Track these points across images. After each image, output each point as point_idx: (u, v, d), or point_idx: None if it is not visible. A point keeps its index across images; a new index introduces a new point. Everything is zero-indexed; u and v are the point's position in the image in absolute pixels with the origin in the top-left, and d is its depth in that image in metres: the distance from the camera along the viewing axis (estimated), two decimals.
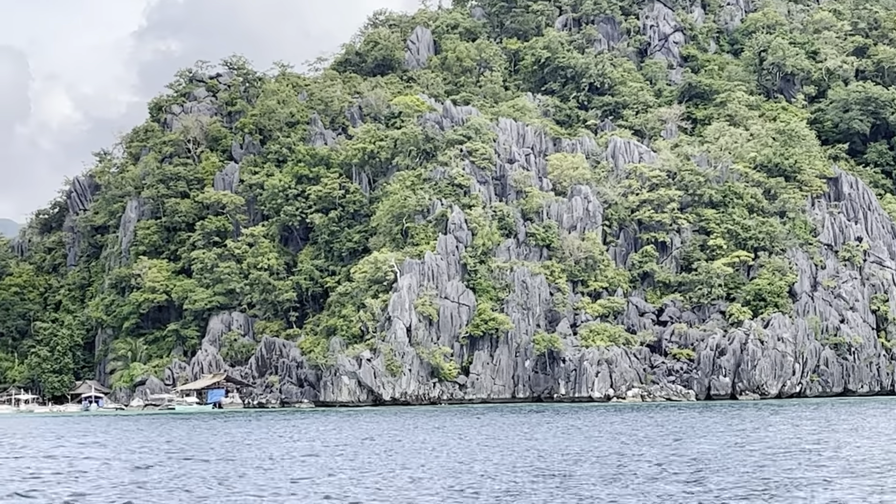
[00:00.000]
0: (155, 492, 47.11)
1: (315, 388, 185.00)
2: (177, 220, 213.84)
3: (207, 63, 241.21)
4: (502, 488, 44.99)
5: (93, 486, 50.22)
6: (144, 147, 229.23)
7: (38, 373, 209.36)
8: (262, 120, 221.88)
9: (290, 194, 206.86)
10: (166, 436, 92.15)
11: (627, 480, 48.63)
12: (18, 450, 74.21)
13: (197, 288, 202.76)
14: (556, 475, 50.88)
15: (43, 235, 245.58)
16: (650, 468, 54.01)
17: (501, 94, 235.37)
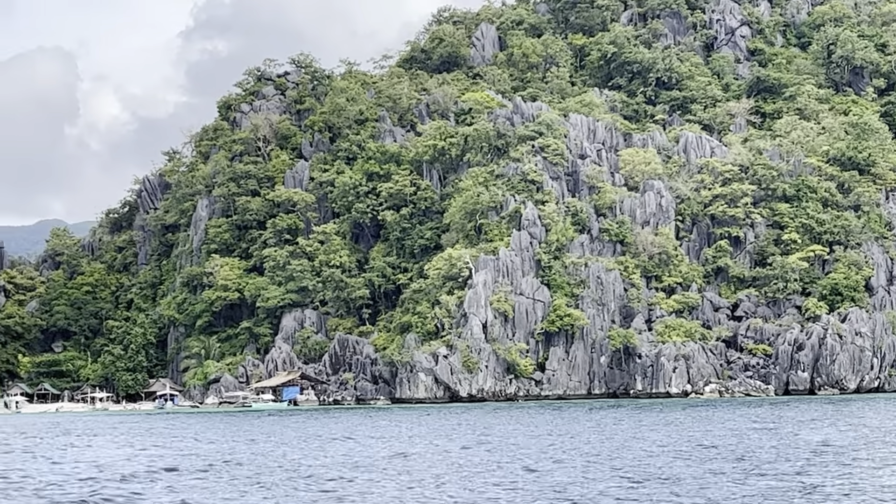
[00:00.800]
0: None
1: (390, 384, 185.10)
2: (248, 218, 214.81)
3: (275, 62, 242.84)
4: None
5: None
6: (214, 146, 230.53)
7: (111, 371, 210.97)
8: (331, 118, 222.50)
9: (360, 191, 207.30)
10: (301, 430, 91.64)
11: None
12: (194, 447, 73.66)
13: (269, 286, 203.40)
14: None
15: (113, 234, 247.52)
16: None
17: (568, 90, 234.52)
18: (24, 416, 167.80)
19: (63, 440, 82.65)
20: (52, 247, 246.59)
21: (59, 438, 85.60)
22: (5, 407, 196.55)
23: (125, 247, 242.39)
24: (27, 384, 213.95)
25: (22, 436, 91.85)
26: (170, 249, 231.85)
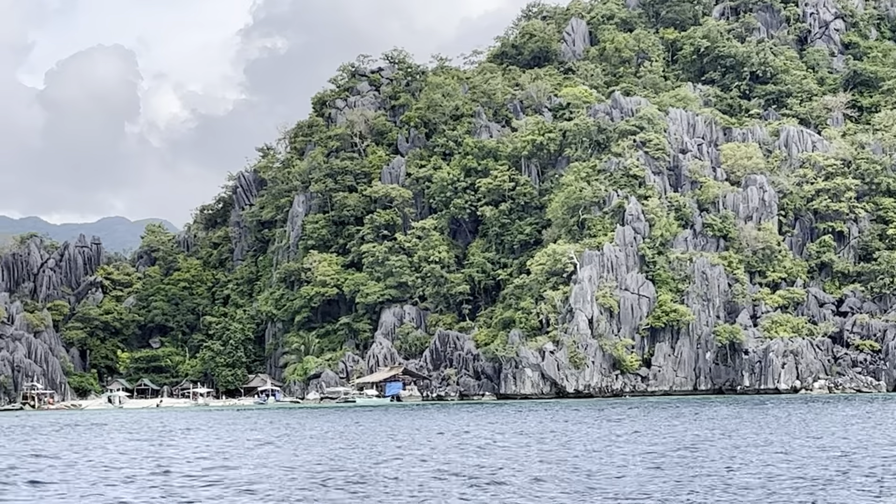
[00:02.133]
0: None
1: (492, 380, 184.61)
2: (345, 213, 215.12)
3: (368, 57, 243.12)
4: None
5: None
6: (309, 142, 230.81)
7: (211, 367, 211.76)
8: (426, 113, 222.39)
9: (459, 187, 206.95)
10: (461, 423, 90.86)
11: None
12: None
13: (368, 281, 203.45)
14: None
15: (208, 231, 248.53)
16: None
17: (661, 85, 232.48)
18: (130, 412, 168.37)
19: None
20: (148, 243, 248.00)
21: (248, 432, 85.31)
22: (109, 402, 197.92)
23: (220, 243, 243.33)
24: (126, 379, 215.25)
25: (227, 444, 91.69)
26: (265, 245, 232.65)
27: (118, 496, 40.29)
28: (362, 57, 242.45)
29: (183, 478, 46.52)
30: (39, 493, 41.51)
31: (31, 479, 46.42)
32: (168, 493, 40.84)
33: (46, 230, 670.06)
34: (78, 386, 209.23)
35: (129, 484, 44.65)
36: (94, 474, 48.90)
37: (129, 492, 41.66)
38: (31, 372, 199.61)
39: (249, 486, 42.90)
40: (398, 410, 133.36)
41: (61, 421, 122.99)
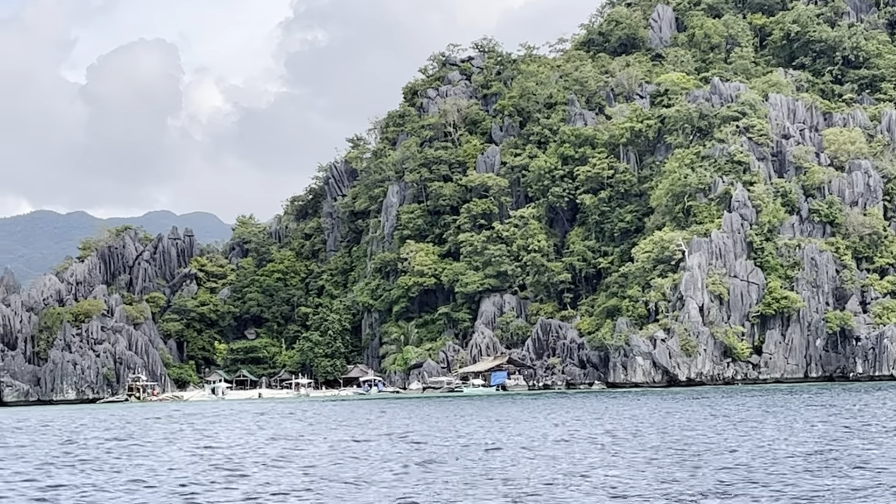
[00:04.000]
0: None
1: (598, 369, 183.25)
2: (441, 203, 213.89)
3: (458, 46, 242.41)
4: None
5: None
6: (401, 132, 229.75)
7: (310, 357, 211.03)
8: (520, 102, 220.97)
9: (556, 175, 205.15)
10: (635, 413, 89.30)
11: None
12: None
13: (467, 271, 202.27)
14: None
15: (299, 222, 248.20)
16: None
17: (752, 70, 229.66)
18: (235, 403, 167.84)
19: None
20: (239, 234, 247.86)
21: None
22: (212, 393, 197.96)
23: (312, 234, 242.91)
24: (224, 371, 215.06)
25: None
26: (359, 236, 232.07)
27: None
28: (452, 46, 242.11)
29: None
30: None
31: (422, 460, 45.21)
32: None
33: (93, 224, 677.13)
34: (177, 377, 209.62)
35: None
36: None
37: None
38: (133, 364, 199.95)
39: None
40: (523, 400, 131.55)
41: (205, 412, 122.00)
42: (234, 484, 39.24)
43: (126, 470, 46.18)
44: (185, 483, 40.44)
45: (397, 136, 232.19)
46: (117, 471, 45.84)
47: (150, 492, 38.30)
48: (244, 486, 38.34)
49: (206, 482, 40.31)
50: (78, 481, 41.95)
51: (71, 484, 41.10)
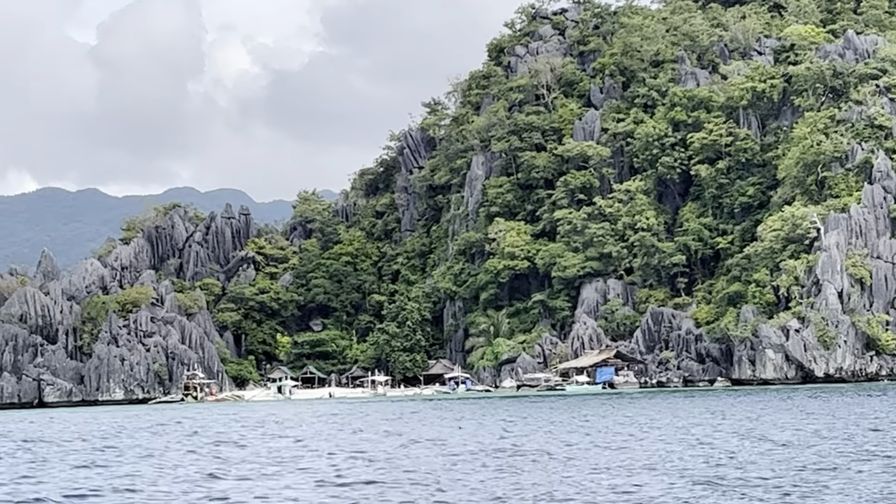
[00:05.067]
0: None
1: (719, 363, 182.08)
2: (533, 176, 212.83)
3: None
4: None
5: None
6: (486, 95, 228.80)
7: (386, 352, 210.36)
8: (622, 60, 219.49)
9: (666, 143, 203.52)
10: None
11: None
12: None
13: (565, 252, 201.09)
14: None
15: (369, 198, 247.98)
16: None
17: (885, 22, 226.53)
18: (304, 404, 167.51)
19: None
20: (301, 212, 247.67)
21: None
22: (279, 392, 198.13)
23: (385, 211, 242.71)
24: (288, 367, 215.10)
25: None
26: (439, 213, 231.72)
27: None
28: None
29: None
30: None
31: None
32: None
33: (106, 203, 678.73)
34: (236, 375, 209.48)
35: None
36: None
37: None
38: (187, 359, 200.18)
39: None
40: (647, 401, 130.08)
41: (291, 417, 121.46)
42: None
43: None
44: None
45: (481, 99, 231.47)
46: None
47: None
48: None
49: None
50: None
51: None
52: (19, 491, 40.81)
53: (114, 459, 56.07)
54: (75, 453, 61.48)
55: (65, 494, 39.63)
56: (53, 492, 40.34)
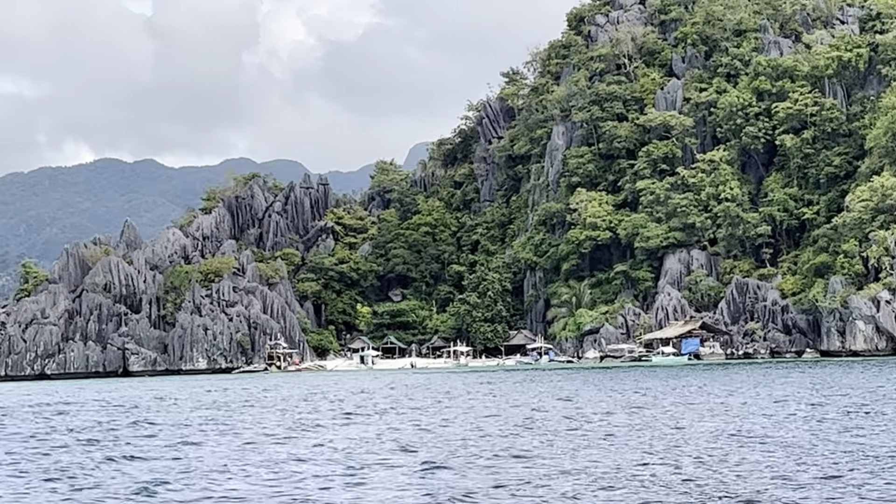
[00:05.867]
0: None
1: (806, 335, 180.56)
2: (615, 146, 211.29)
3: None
4: None
5: None
6: (566, 65, 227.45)
7: (466, 322, 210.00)
8: (705, 29, 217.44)
9: (750, 113, 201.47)
10: None
11: None
12: None
13: (648, 223, 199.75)
14: None
15: (447, 168, 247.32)
16: None
17: None
18: (384, 373, 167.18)
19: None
20: (379, 182, 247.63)
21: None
22: (361, 362, 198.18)
23: (463, 182, 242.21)
24: (368, 337, 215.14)
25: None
26: (518, 184, 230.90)
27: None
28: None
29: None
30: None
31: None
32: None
33: (164, 174, 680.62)
34: (316, 344, 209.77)
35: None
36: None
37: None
38: (269, 329, 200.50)
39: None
40: (747, 372, 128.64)
41: (386, 386, 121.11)
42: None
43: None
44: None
45: (561, 69, 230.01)
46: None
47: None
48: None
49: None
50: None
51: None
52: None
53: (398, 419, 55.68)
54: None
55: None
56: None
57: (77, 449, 45.57)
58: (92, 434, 53.60)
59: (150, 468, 37.66)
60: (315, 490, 31.52)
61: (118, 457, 41.63)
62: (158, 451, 43.46)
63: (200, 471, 36.46)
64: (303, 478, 34.14)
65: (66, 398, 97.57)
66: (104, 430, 56.12)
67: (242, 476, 34.87)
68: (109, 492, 32.11)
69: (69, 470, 37.81)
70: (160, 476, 35.18)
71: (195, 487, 32.69)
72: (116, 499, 30.84)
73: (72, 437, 51.85)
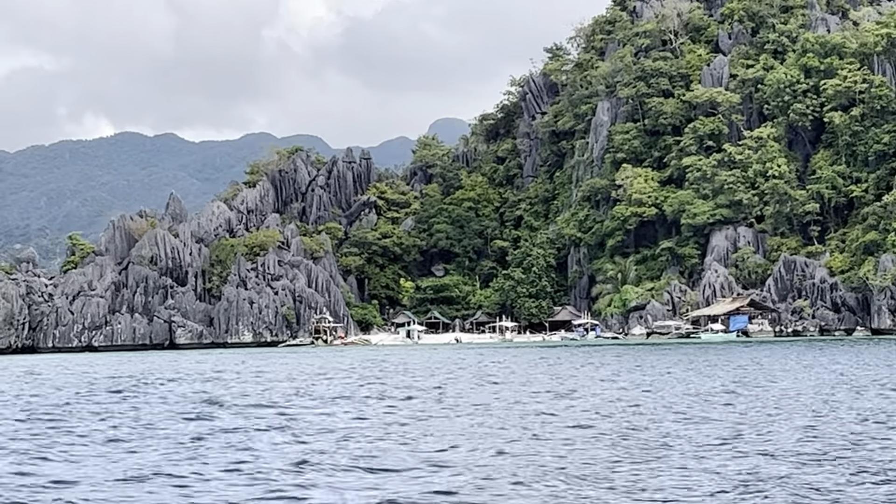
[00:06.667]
0: None
1: (855, 313, 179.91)
2: (661, 122, 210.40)
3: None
4: None
5: None
6: (611, 41, 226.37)
7: (511, 297, 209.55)
8: (751, 5, 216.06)
9: (798, 90, 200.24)
10: None
11: None
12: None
13: (695, 200, 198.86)
14: None
15: (490, 143, 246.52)
16: None
17: None
18: (432, 349, 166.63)
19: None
20: (421, 157, 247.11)
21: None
22: (407, 337, 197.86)
23: (506, 157, 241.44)
24: (411, 311, 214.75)
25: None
26: (562, 159, 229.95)
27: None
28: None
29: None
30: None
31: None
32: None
33: (184, 148, 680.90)
34: (360, 319, 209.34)
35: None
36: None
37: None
38: (314, 303, 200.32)
39: None
40: (808, 349, 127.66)
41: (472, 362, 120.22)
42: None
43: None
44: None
45: (605, 45, 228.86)
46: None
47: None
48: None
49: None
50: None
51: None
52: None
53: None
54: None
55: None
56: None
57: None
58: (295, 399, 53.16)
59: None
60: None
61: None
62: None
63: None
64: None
65: (188, 369, 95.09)
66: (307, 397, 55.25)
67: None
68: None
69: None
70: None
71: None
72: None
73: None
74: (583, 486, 25.92)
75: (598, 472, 27.83)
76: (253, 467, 29.27)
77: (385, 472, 28.13)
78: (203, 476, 27.98)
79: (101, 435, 38.15)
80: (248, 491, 25.71)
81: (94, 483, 27.13)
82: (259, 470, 28.74)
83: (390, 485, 26.29)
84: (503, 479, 26.91)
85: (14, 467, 29.76)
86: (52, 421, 43.92)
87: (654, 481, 26.40)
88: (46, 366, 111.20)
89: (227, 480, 27.31)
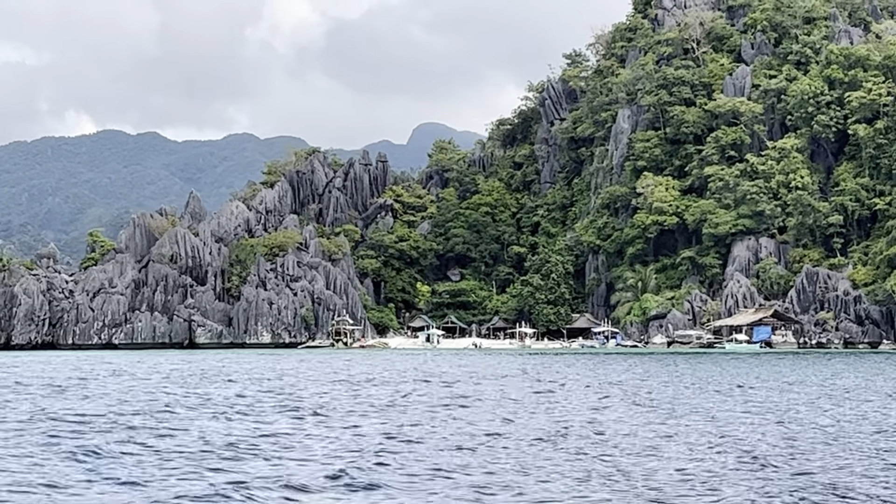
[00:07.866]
0: None
1: (879, 326, 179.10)
2: (683, 131, 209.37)
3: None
4: None
5: None
6: (632, 48, 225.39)
7: (529, 304, 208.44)
8: (774, 15, 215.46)
9: (821, 101, 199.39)
10: None
11: None
12: None
13: (717, 209, 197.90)
14: None
15: (507, 149, 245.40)
16: None
17: None
18: (448, 353, 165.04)
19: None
20: (437, 161, 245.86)
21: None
22: (427, 341, 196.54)
23: (524, 162, 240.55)
24: (427, 315, 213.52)
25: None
26: (580, 166, 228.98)
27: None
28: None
29: None
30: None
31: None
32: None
33: (167, 147, 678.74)
34: (377, 322, 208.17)
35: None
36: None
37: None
38: (333, 305, 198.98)
39: None
40: (852, 363, 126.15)
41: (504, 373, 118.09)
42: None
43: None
44: None
45: (626, 52, 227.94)
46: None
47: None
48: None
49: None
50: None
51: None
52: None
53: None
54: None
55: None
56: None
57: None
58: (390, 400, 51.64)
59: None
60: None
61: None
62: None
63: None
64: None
65: (241, 370, 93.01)
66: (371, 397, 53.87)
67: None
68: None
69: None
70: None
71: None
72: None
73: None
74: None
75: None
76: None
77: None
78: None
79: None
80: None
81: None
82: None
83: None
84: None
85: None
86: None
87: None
88: (110, 364, 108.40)
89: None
